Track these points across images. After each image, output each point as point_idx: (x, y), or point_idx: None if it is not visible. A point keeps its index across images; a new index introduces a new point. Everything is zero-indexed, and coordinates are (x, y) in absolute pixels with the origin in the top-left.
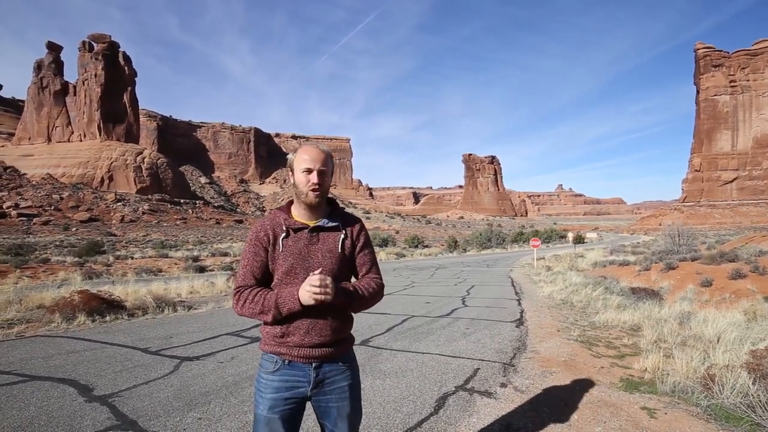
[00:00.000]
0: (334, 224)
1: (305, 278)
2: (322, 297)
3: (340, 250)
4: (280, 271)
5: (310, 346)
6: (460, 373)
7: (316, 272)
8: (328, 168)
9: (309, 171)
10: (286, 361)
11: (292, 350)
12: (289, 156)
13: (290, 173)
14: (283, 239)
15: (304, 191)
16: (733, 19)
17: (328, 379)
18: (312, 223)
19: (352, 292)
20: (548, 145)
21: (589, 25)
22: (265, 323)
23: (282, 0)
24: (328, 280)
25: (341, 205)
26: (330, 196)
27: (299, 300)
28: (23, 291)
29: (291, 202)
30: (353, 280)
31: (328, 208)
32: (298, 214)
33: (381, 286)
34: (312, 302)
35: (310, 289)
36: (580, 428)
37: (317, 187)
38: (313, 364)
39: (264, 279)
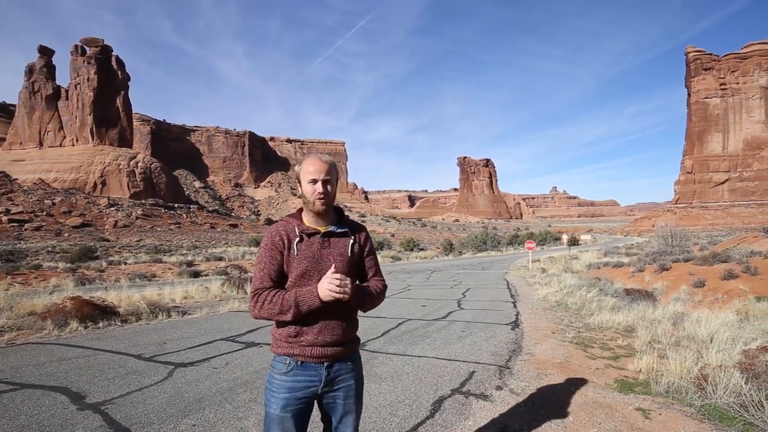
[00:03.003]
0: (343, 230)
1: (319, 280)
2: (340, 294)
3: (350, 254)
4: (294, 274)
5: (323, 344)
6: (456, 376)
7: (333, 271)
8: (332, 177)
9: (314, 181)
10: (299, 362)
11: (305, 350)
12: (296, 168)
13: (298, 184)
14: (297, 243)
15: (311, 200)
16: (726, 22)
17: (338, 377)
18: (323, 229)
19: (367, 291)
20: (543, 148)
21: (586, 27)
22: (278, 324)
23: (277, 4)
24: (348, 280)
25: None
26: (337, 205)
27: (319, 297)
28: (14, 298)
29: (301, 210)
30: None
31: (336, 216)
32: (308, 220)
33: (385, 288)
34: (331, 298)
35: (329, 286)
36: (575, 430)
37: (322, 195)
38: (325, 364)
39: (280, 282)
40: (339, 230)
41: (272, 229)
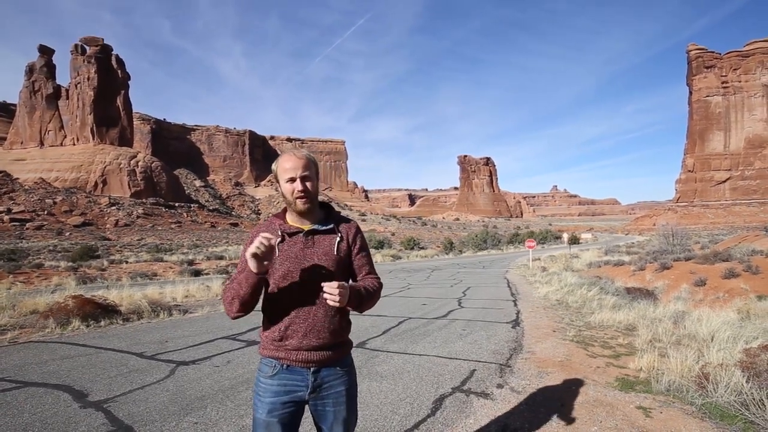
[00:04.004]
0: (329, 227)
1: (301, 281)
2: (257, 250)
3: (336, 253)
4: (276, 276)
5: (308, 349)
6: (457, 374)
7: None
8: (311, 172)
9: (292, 180)
10: (285, 366)
11: (290, 354)
12: (273, 166)
13: (277, 184)
14: (278, 244)
15: (291, 200)
16: (726, 20)
17: (326, 383)
18: (306, 228)
19: (362, 291)
20: (543, 146)
21: (585, 26)
22: (264, 326)
23: (276, 3)
24: (270, 239)
25: (337, 209)
26: (324, 200)
27: (245, 257)
28: (16, 296)
29: (286, 209)
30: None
31: (323, 213)
32: (293, 219)
33: (380, 287)
34: (254, 252)
35: (255, 243)
36: (576, 428)
37: (302, 194)
38: (312, 369)
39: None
40: (324, 228)
41: (254, 230)
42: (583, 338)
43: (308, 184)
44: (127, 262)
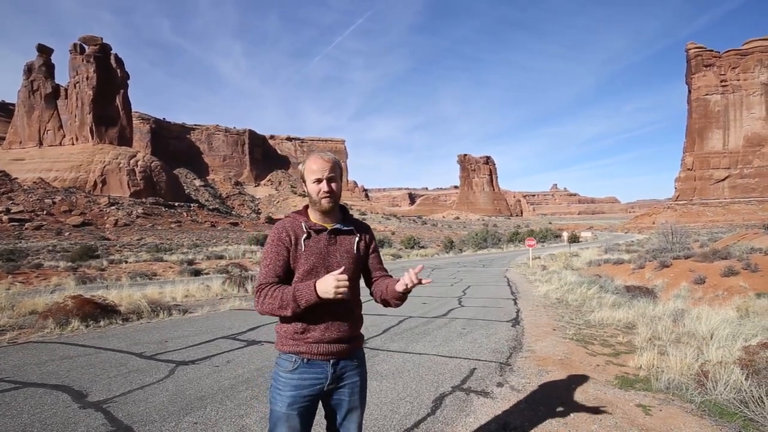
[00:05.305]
0: (349, 228)
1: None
2: (341, 295)
3: (356, 252)
4: (301, 270)
5: (329, 341)
6: (457, 373)
7: (341, 271)
8: (337, 174)
9: (319, 180)
10: (305, 360)
11: (312, 347)
12: (299, 167)
13: (303, 183)
14: (304, 240)
15: (317, 199)
16: (725, 19)
17: (344, 374)
18: (330, 226)
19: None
20: (543, 145)
21: (584, 25)
22: (283, 320)
23: (275, 3)
24: (346, 282)
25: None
26: (342, 203)
27: (316, 291)
28: (15, 297)
29: (307, 207)
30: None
31: (341, 214)
32: (315, 217)
33: None
34: (329, 297)
35: (333, 283)
36: (576, 426)
37: (328, 194)
38: (331, 361)
39: (285, 278)
40: (346, 228)
41: (279, 225)
42: (582, 336)
43: (333, 185)
44: (126, 262)
